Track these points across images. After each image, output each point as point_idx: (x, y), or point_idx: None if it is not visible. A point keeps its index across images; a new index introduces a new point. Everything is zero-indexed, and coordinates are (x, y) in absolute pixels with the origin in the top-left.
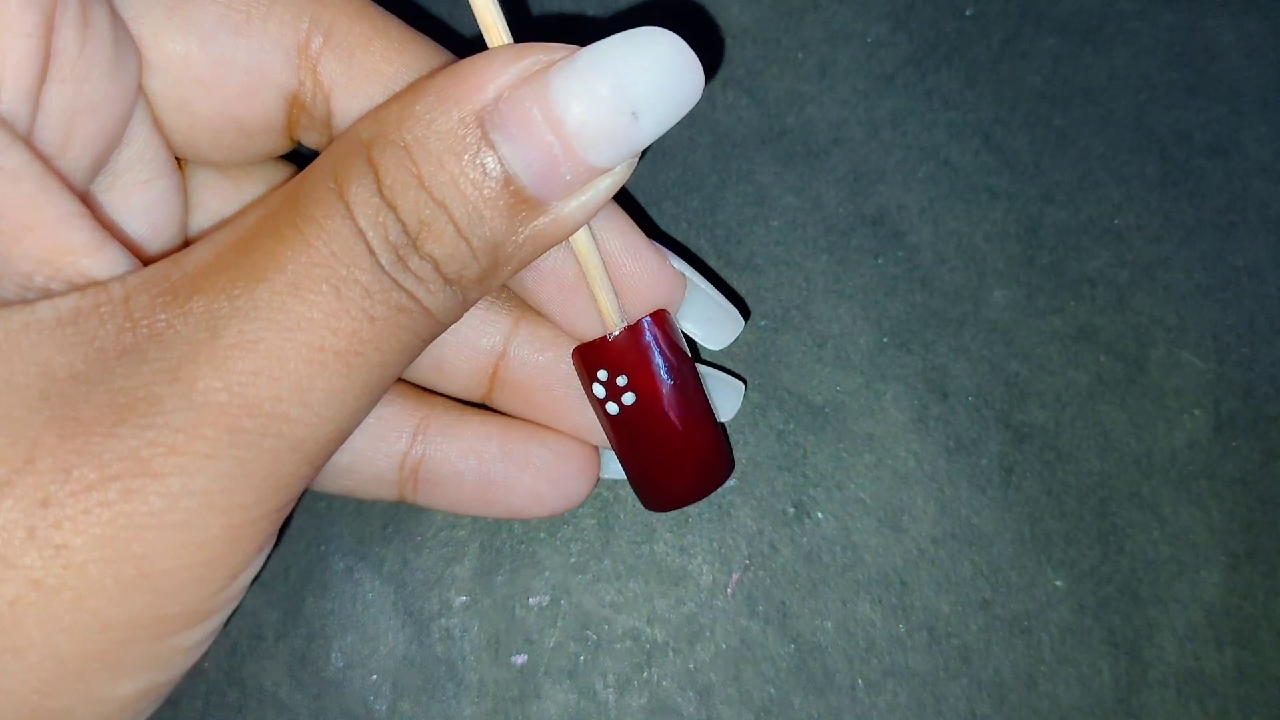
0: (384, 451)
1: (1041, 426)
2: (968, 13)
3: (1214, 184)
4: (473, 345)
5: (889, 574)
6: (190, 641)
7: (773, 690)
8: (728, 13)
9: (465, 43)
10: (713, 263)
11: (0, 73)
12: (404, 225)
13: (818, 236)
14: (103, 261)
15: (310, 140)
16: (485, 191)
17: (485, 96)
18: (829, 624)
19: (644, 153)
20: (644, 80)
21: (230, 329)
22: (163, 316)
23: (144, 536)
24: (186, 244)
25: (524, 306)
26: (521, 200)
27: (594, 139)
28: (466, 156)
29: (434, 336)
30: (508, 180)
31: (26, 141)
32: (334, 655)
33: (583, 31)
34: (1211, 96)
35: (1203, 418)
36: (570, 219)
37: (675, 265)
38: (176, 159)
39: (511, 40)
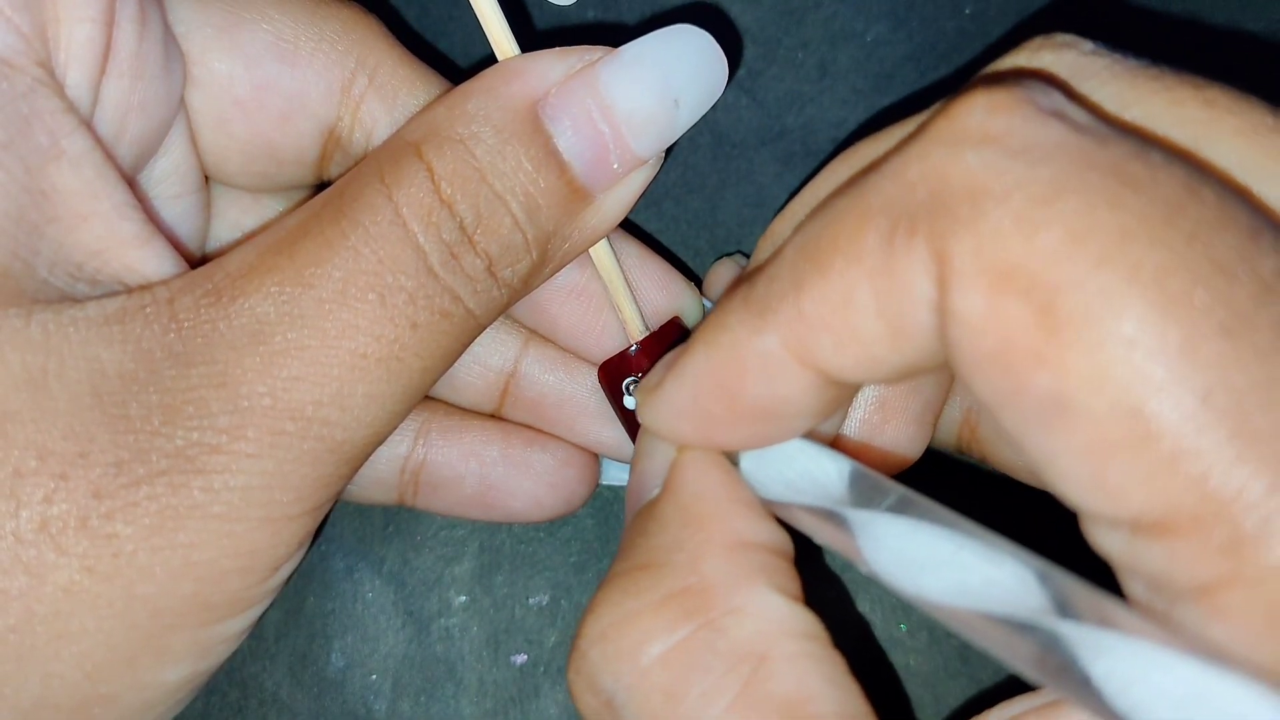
0: (385, 454)
1: None
2: (967, 11)
3: None
4: (484, 363)
5: None
6: (233, 630)
7: None
8: (728, 13)
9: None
10: (713, 263)
11: (67, 56)
12: (460, 221)
13: None
14: (149, 255)
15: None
16: (542, 182)
17: (536, 92)
18: (827, 623)
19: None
20: (683, 70)
21: (275, 334)
22: (207, 318)
23: (189, 527)
24: (205, 259)
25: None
26: (574, 190)
27: (642, 126)
28: (525, 148)
29: (473, 339)
30: (562, 170)
31: (89, 126)
32: (334, 655)
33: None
34: None
35: None
36: (610, 213)
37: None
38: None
39: (520, 51)
